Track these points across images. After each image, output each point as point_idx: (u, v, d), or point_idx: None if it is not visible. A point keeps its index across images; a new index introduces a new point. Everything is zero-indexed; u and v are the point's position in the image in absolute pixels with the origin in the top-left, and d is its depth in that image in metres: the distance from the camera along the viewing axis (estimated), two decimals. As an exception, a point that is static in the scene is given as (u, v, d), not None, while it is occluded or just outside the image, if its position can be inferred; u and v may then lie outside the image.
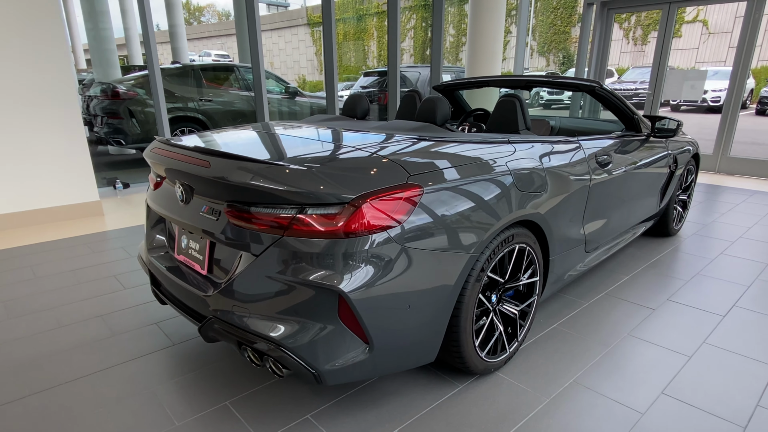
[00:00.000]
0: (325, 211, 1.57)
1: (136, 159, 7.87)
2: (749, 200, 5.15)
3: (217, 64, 9.04)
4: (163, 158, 2.01)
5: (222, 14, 57.35)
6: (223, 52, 37.53)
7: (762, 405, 1.93)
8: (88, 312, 2.74)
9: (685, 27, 21.96)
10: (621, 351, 2.32)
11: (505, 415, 1.88)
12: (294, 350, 1.59)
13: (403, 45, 33.51)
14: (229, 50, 39.71)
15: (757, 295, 2.89)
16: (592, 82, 2.93)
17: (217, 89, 7.94)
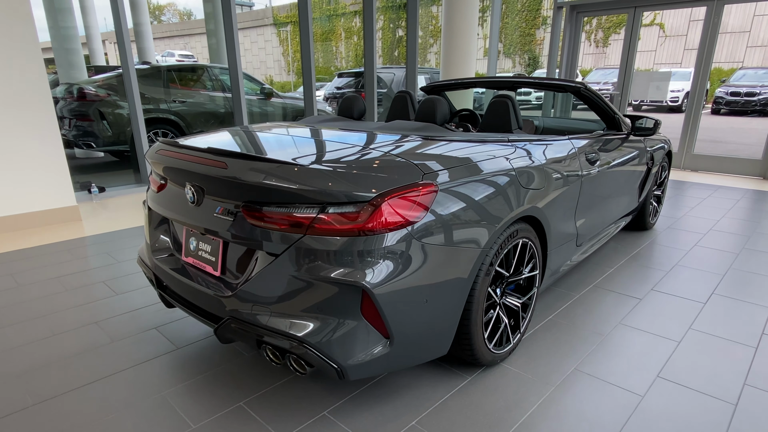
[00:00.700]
0: (347, 210, 1.60)
1: (107, 162, 7.65)
2: (714, 195, 5.44)
3: (189, 64, 8.88)
4: (170, 159, 1.99)
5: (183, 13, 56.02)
6: (187, 52, 36.68)
7: (749, 383, 2.08)
8: (81, 319, 2.67)
9: (644, 30, 22.82)
10: (615, 339, 2.44)
11: (515, 404, 1.96)
12: (318, 347, 1.62)
13: (371, 46, 33.56)
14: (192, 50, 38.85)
15: (732, 283, 3.08)
16: (577, 84, 3.06)
17: (190, 90, 7.80)
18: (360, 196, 1.60)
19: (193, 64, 8.59)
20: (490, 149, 2.13)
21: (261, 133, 2.33)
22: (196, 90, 7.88)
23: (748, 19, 19.33)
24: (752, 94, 13.55)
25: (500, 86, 3.56)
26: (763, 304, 2.80)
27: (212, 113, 7.88)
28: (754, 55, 19.42)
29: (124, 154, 7.88)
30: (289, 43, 37.28)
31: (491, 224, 1.92)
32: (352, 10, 34.68)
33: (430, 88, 3.85)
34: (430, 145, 2.00)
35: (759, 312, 2.71)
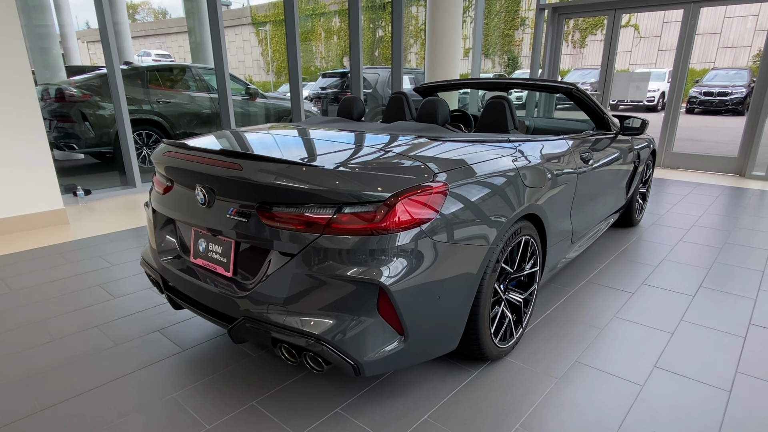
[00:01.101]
0: (363, 210, 1.63)
1: (89, 164, 7.51)
2: (694, 191, 5.63)
3: (172, 64, 8.76)
4: (178, 161, 1.99)
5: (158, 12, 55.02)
6: (164, 52, 36.09)
7: (740, 371, 2.18)
8: (81, 323, 2.64)
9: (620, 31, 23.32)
10: (611, 332, 2.53)
11: (522, 396, 2.02)
12: (335, 344, 1.65)
13: (351, 46, 33.51)
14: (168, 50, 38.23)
15: (717, 276, 3.21)
16: (569, 85, 3.15)
17: (173, 91, 7.71)
18: (375, 196, 1.64)
19: (176, 64, 8.49)
20: (494, 149, 2.18)
21: (267, 135, 2.34)
22: (180, 90, 7.79)
23: (719, 21, 19.95)
24: (724, 94, 14.01)
25: (493, 87, 3.63)
26: (748, 295, 2.93)
27: (197, 114, 7.80)
28: (725, 56, 20.05)
29: (106, 155, 7.74)
30: (268, 43, 36.99)
31: (498, 222, 1.98)
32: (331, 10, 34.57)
33: (424, 89, 3.90)
34: (437, 146, 2.05)
35: (744, 303, 2.83)
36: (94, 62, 38.26)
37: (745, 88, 14.17)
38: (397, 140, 2.12)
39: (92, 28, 42.47)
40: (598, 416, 1.90)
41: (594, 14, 7.88)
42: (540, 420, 1.88)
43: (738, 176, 6.47)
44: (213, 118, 7.94)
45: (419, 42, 29.94)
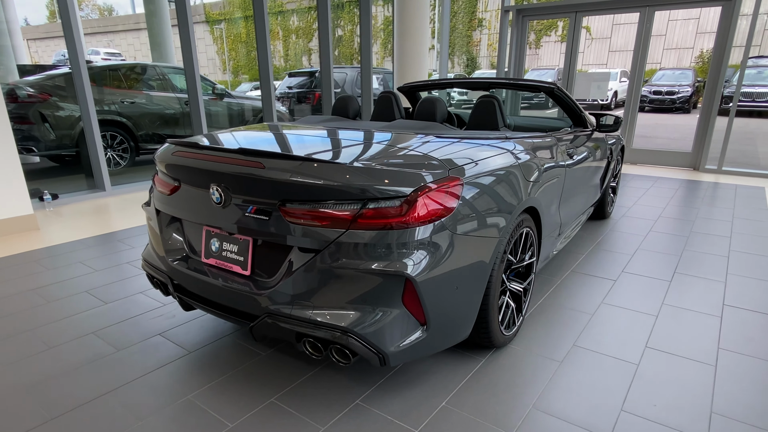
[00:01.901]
0: (387, 205, 1.69)
1: (50, 168, 7.16)
2: (655, 185, 5.97)
3: (136, 63, 8.47)
4: (189, 161, 1.99)
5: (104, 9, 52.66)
6: (114, 50, 34.67)
7: (722, 347, 2.37)
8: (76, 330, 2.56)
9: (572, 33, 24.20)
10: (602, 316, 2.69)
11: (530, 380, 2.13)
12: (363, 336, 1.70)
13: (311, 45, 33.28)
14: (116, 48, 36.74)
15: (688, 262, 3.45)
16: (551, 84, 3.30)
17: (138, 91, 7.46)
18: (399, 191, 1.69)
19: (139, 63, 8.21)
20: (497, 145, 2.28)
21: (273, 134, 2.35)
22: (145, 90, 7.56)
23: (665, 24, 21.09)
24: (672, 93, 14.85)
25: (475, 87, 3.75)
26: (718, 279, 3.17)
27: (163, 115, 7.58)
28: (670, 57, 21.21)
29: (65, 158, 7.41)
30: (224, 41, 36.16)
31: (506, 214, 2.08)
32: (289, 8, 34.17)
33: (408, 88, 3.98)
34: (446, 142, 2.13)
35: (716, 286, 3.06)
36: (36, 61, 36.21)
37: (691, 87, 15.08)
38: (408, 138, 2.19)
39: (32, 25, 40.15)
40: (603, 394, 2.02)
41: (556, 16, 8.20)
42: (550, 401, 1.99)
43: (693, 170, 6.91)
44: (180, 119, 7.74)
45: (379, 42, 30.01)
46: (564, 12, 7.81)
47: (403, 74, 8.77)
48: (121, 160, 7.11)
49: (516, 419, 1.88)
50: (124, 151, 7.10)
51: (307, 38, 34.10)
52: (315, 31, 35.50)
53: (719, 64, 6.50)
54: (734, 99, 6.53)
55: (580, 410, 1.93)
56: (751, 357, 2.29)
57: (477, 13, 28.41)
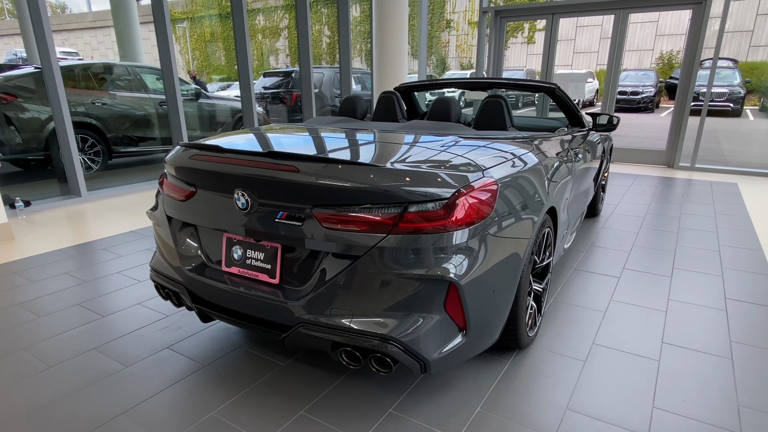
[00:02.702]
0: (428, 208, 1.64)
1: (16, 173, 6.76)
2: (636, 182, 6.14)
3: (106, 63, 8.10)
4: (211, 165, 1.89)
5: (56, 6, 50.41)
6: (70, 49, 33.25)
7: (734, 340, 2.44)
8: (75, 347, 2.40)
9: (538, 34, 24.76)
10: (614, 314, 2.72)
11: (558, 380, 2.12)
12: (405, 343, 1.64)
13: (278, 44, 32.84)
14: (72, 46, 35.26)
15: (684, 258, 3.55)
16: (551, 84, 3.33)
17: (108, 92, 7.15)
18: (440, 193, 1.65)
19: (110, 63, 7.86)
20: (521, 146, 2.27)
21: (293, 136, 2.27)
22: (117, 91, 7.24)
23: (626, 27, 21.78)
24: (636, 93, 15.37)
25: (474, 87, 3.75)
26: (715, 273, 3.27)
27: (137, 116, 7.28)
28: (631, 58, 21.96)
29: (30, 163, 7.02)
30: (187, 40, 35.22)
31: (536, 213, 2.07)
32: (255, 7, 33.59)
33: (405, 89, 3.94)
34: (474, 143, 2.09)
35: (715, 280, 3.15)
36: (0, 58, 34.26)
37: (654, 87, 15.65)
38: (437, 139, 2.14)
39: (-19, 22, 37.96)
40: (632, 392, 2.04)
41: (534, 18, 8.34)
42: (582, 401, 1.99)
43: (667, 167, 7.14)
44: (155, 121, 7.46)
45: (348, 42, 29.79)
46: (541, 13, 7.94)
47: (383, 75, 8.73)
48: (93, 164, 6.79)
49: (553, 421, 1.87)
50: (96, 155, 6.79)
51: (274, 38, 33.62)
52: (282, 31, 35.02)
53: (690, 66, 6.74)
54: (706, 99, 6.79)
55: (614, 409, 1.94)
56: (763, 348, 2.36)
57: (445, 14, 28.66)
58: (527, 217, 2.01)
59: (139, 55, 10.32)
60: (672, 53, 20.56)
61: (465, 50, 27.82)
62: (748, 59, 18.74)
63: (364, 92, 10.00)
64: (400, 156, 1.86)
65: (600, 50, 23.12)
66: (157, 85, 7.69)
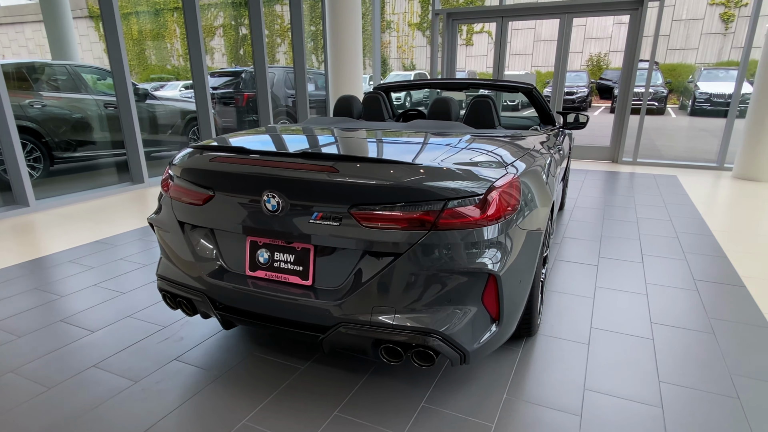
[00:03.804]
0: (466, 204, 1.70)
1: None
2: (589, 177, 6.54)
3: (44, 62, 7.49)
4: (236, 167, 1.84)
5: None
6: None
7: (711, 317, 2.69)
8: (72, 365, 2.24)
9: (476, 36, 25.61)
10: (602, 299, 2.90)
11: (571, 364, 2.25)
12: (449, 336, 1.69)
13: (213, 43, 31.72)
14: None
15: (650, 245, 3.84)
16: (529, 85, 3.50)
17: (46, 93, 6.64)
18: (475, 190, 1.71)
19: (48, 62, 7.28)
20: (525, 143, 2.38)
21: (308, 136, 2.25)
22: (56, 92, 6.73)
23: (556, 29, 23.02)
24: (571, 93, 16.29)
25: (452, 87, 3.85)
26: (679, 258, 3.57)
27: (80, 119, 6.81)
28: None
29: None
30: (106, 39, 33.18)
31: (546, 206, 2.18)
32: (185, 5, 32.21)
33: (385, 88, 3.98)
34: (490, 141, 2.17)
35: (681, 264, 3.45)
36: None
37: (587, 87, 16.66)
38: (453, 138, 2.20)
39: None
40: (638, 369, 2.20)
41: (484, 21, 8.63)
42: (597, 381, 2.12)
43: (612, 162, 7.66)
44: (100, 123, 7.01)
45: (287, 42, 29.43)
46: (491, 16, 8.25)
47: (339, 75, 8.71)
48: (33, 171, 6.29)
49: (576, 402, 1.99)
50: (36, 161, 6.29)
51: (209, 36, 32.43)
52: (217, 29, 33.86)
53: (630, 67, 7.27)
54: (644, 98, 7.35)
55: (626, 386, 2.09)
56: (736, 322, 2.62)
57: (385, 15, 28.93)
58: (543, 208, 2.12)
59: (74, 54, 9.65)
60: (600, 55, 21.97)
61: (406, 51, 28.23)
62: (666, 61, 20.40)
63: (318, 92, 9.92)
64: (429, 154, 1.90)
65: (534, 52, 24.26)
66: (100, 86, 7.24)
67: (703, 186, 5.99)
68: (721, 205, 5.06)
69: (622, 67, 7.50)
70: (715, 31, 19.79)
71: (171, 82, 16.99)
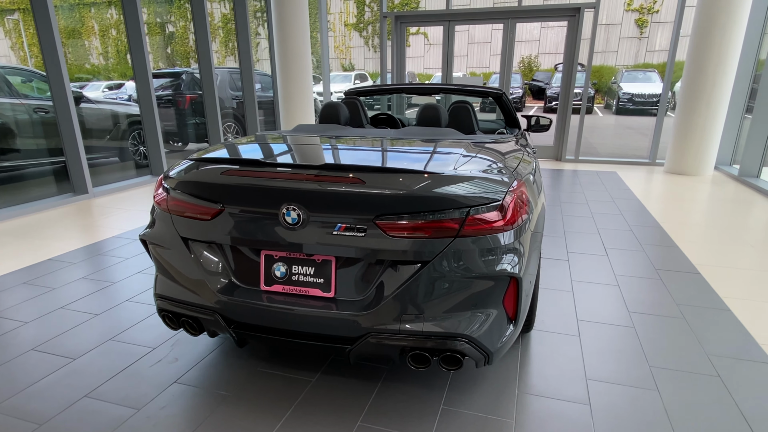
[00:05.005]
0: (487, 210, 1.75)
1: None
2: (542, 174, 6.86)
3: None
4: (251, 180, 1.79)
5: None
6: None
7: (678, 303, 2.93)
8: (61, 397, 2.07)
9: (412, 38, 26.02)
10: (580, 292, 3.09)
11: (569, 356, 2.38)
12: (476, 339, 1.75)
13: (137, 42, 29.96)
14: None
15: (609, 239, 4.12)
16: (498, 90, 3.64)
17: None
18: (495, 196, 1.77)
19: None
20: (516, 147, 2.48)
21: (310, 146, 2.22)
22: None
23: (489, 33, 23.93)
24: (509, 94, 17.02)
25: (423, 92, 3.93)
26: (638, 249, 3.86)
27: (4, 125, 6.21)
28: (496, 62, 24.14)
29: None
30: (22, 34, 30.54)
31: (541, 208, 2.29)
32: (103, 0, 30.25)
33: (356, 92, 3.97)
34: (489, 149, 2.25)
35: (641, 255, 3.73)
36: None
37: (521, 88, 17.46)
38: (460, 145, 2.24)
39: None
40: (628, 357, 2.37)
41: (432, 24, 8.83)
42: (595, 371, 2.26)
43: (556, 160, 8.10)
44: (29, 129, 6.42)
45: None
46: (439, 20, 8.45)
47: (288, 76, 8.58)
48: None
49: (582, 391, 2.11)
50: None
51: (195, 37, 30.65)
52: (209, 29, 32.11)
53: (570, 70, 7.72)
54: (583, 99, 7.83)
55: (621, 373, 2.24)
56: (702, 307, 2.88)
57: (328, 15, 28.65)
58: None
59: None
60: (531, 58, 23.08)
61: (343, 51, 28.15)
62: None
63: (266, 94, 9.68)
64: (444, 163, 1.93)
65: (468, 54, 25.04)
66: (25, 89, 6.65)
67: (642, 181, 6.49)
68: (661, 199, 5.52)
69: (562, 69, 7.94)
70: (632, 35, 21.45)
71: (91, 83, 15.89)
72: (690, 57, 6.52)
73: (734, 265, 3.54)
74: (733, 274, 3.37)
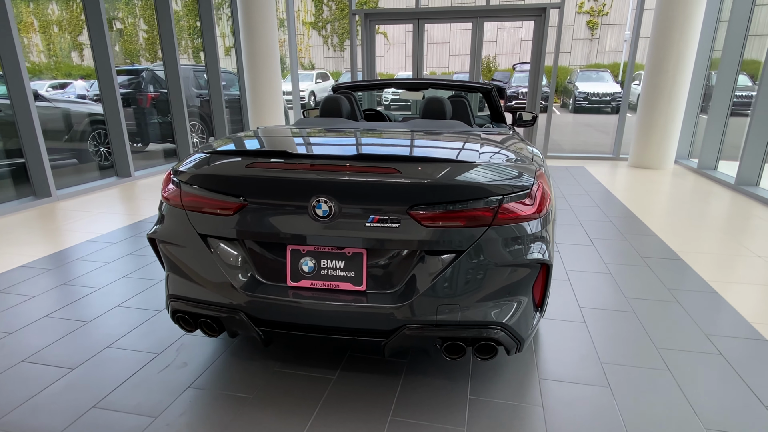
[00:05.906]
0: (518, 198, 1.77)
1: None
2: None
3: None
4: (282, 172, 1.73)
5: None
6: None
7: (669, 287, 3.07)
8: (67, 411, 1.93)
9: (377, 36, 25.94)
10: (576, 281, 3.17)
11: (579, 341, 2.44)
12: (511, 327, 1.77)
13: (81, 39, 28.55)
14: None
15: (592, 229, 4.26)
16: (487, 85, 3.69)
17: None
18: (524, 184, 1.79)
19: None
20: (521, 139, 2.52)
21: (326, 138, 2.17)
22: None
23: (447, 33, 24.27)
24: (470, 93, 17.33)
25: (412, 87, 3.93)
26: (620, 239, 4.01)
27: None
28: (455, 62, 24.54)
29: None
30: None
31: (553, 198, 2.34)
32: (44, -6, 28.64)
33: (344, 88, 3.93)
34: (504, 141, 2.27)
35: (624, 244, 3.88)
36: None
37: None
38: (475, 136, 2.25)
39: None
40: (634, 339, 2.46)
41: (401, 22, 8.85)
42: (607, 354, 2.33)
43: (525, 156, 8.30)
44: None
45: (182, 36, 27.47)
46: (408, 18, 8.49)
47: (256, 74, 8.41)
48: None
49: (600, 374, 2.17)
50: None
51: (75, 31, 29.18)
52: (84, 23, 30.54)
53: (537, 69, 7.94)
54: (551, 97, 8.07)
55: (632, 356, 2.32)
56: (694, 291, 3.03)
57: (277, 13, 28.21)
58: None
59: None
60: (489, 58, 23.59)
61: (302, 50, 27.80)
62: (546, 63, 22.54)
63: (229, 92, 9.42)
64: (472, 153, 1.93)
65: (428, 54, 25.28)
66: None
67: (610, 175, 6.76)
68: (631, 191, 5.76)
69: (530, 68, 8.16)
70: (583, 36, 22.32)
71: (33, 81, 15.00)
72: (650, 57, 6.85)
73: (711, 250, 3.74)
74: (713, 260, 3.56)
